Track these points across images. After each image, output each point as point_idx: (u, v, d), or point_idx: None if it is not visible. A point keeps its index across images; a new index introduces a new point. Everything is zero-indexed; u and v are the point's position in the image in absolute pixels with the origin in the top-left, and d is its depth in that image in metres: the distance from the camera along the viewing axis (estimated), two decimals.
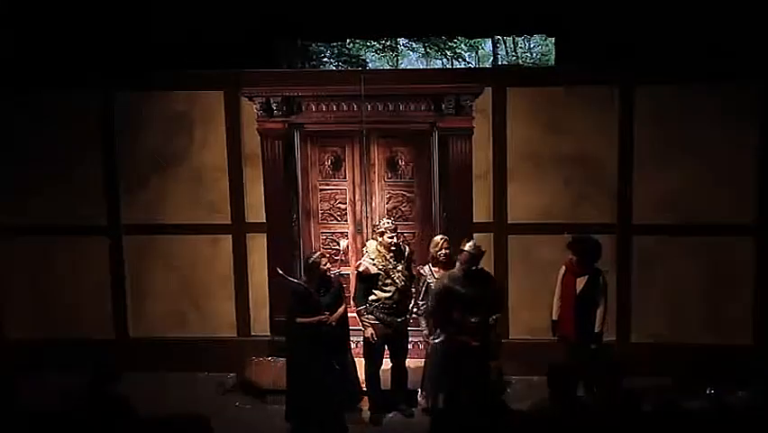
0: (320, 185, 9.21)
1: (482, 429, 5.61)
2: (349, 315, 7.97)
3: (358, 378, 7.96)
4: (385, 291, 7.76)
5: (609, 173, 8.62)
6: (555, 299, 7.89)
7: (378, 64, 14.29)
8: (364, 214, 9.13)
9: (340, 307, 7.70)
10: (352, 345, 8.06)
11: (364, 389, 8.06)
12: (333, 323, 7.56)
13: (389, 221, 7.95)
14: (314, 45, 12.48)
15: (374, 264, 7.74)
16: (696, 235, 8.58)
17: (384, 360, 8.08)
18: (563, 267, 7.82)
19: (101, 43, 8.70)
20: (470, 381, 7.26)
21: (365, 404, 8.14)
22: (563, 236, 8.13)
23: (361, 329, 7.94)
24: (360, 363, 8.03)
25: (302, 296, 7.48)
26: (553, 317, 7.90)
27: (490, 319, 7.48)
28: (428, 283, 7.77)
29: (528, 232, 8.74)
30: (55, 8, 8.59)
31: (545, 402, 5.84)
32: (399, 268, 7.81)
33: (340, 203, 9.21)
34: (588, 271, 7.66)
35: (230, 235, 9.06)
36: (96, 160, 8.99)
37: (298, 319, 7.45)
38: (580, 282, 7.65)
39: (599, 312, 7.66)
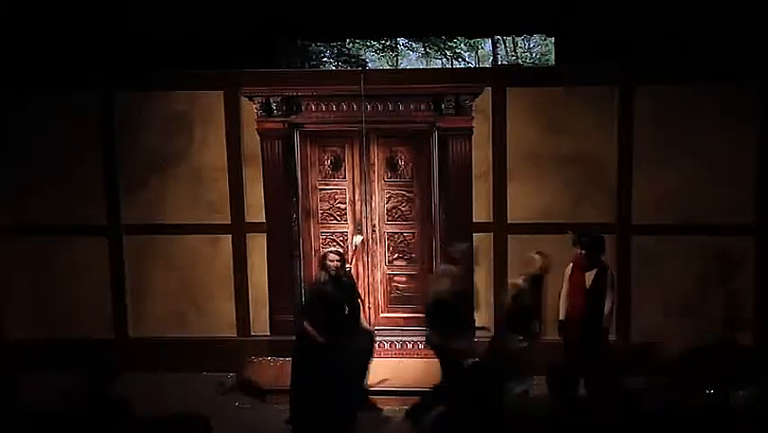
0: (320, 185, 9.21)
1: (483, 429, 5.61)
2: None
3: (366, 378, 7.94)
4: None
5: (609, 173, 8.63)
6: (562, 300, 7.83)
7: (378, 64, 14.29)
8: (364, 214, 9.13)
9: (355, 302, 7.73)
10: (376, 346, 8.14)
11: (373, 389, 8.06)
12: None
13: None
14: (314, 45, 12.48)
15: None
16: (696, 235, 8.59)
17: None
18: (570, 265, 7.82)
19: (101, 43, 8.70)
20: None
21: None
22: (565, 236, 8.17)
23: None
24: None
25: (320, 294, 7.50)
26: (561, 317, 7.83)
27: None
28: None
29: (528, 232, 8.74)
30: (55, 8, 8.59)
31: (545, 402, 5.84)
32: None
33: (340, 203, 9.21)
34: (596, 266, 7.68)
35: (230, 235, 9.06)
36: (96, 160, 9.00)
37: (305, 325, 7.45)
38: (589, 277, 7.67)
39: (607, 306, 7.67)
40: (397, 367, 8.75)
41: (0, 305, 9.26)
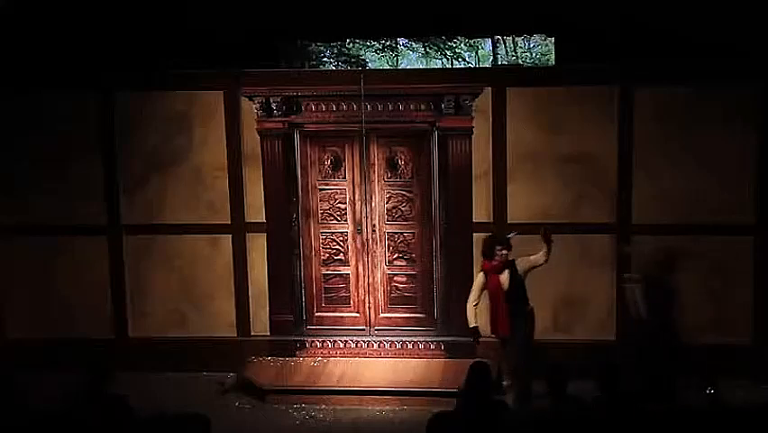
0: (320, 185, 9.21)
1: (482, 429, 5.61)
2: None
3: None
4: None
5: (609, 173, 8.63)
6: (471, 306, 7.79)
7: (378, 64, 14.26)
8: (364, 214, 9.13)
9: None
10: None
11: None
12: None
13: None
14: (314, 45, 12.46)
15: None
16: (696, 235, 8.58)
17: None
18: (482, 273, 7.78)
19: (101, 43, 8.70)
20: None
21: None
22: (565, 236, 8.22)
23: None
24: None
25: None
26: (472, 324, 7.79)
27: None
28: None
29: (528, 232, 8.72)
30: (55, 8, 8.59)
31: (545, 402, 5.83)
32: None
33: (340, 203, 9.21)
34: (507, 266, 7.72)
35: (230, 235, 9.06)
36: (95, 160, 9.00)
37: None
38: (504, 277, 7.69)
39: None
40: (396, 367, 8.76)
41: (0, 305, 9.26)
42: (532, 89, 8.66)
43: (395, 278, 9.25)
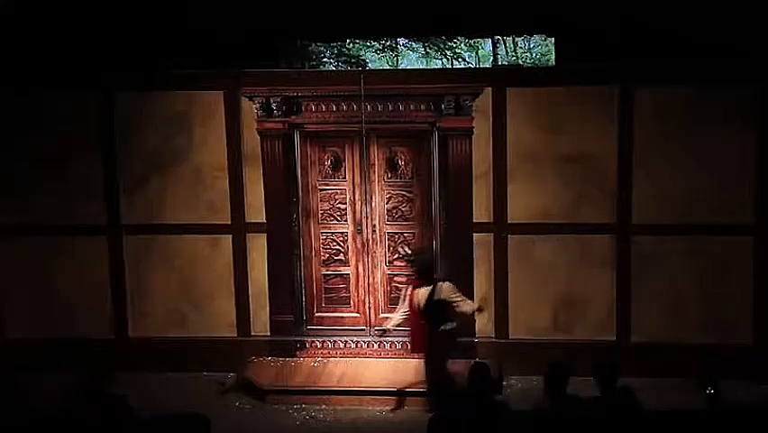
0: (320, 185, 9.21)
1: (482, 429, 5.61)
2: None
3: None
4: None
5: (609, 173, 8.63)
6: (397, 311, 8.00)
7: (378, 64, 14.27)
8: (364, 214, 9.13)
9: None
10: None
11: None
12: None
13: None
14: (314, 45, 12.46)
15: None
16: (696, 235, 8.58)
17: None
18: (411, 286, 7.88)
19: (101, 43, 8.70)
20: None
21: None
22: (564, 236, 8.19)
23: None
24: None
25: None
26: (387, 325, 8.04)
27: None
28: None
29: (528, 232, 8.74)
30: (55, 8, 8.59)
31: (545, 402, 5.83)
32: None
33: (340, 203, 9.21)
34: (429, 283, 7.74)
35: (230, 235, 9.06)
36: (95, 160, 9.00)
37: None
38: (420, 295, 7.70)
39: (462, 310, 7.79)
40: (396, 367, 8.76)
41: (0, 305, 9.26)
42: (532, 89, 8.66)
43: (395, 278, 9.25)
